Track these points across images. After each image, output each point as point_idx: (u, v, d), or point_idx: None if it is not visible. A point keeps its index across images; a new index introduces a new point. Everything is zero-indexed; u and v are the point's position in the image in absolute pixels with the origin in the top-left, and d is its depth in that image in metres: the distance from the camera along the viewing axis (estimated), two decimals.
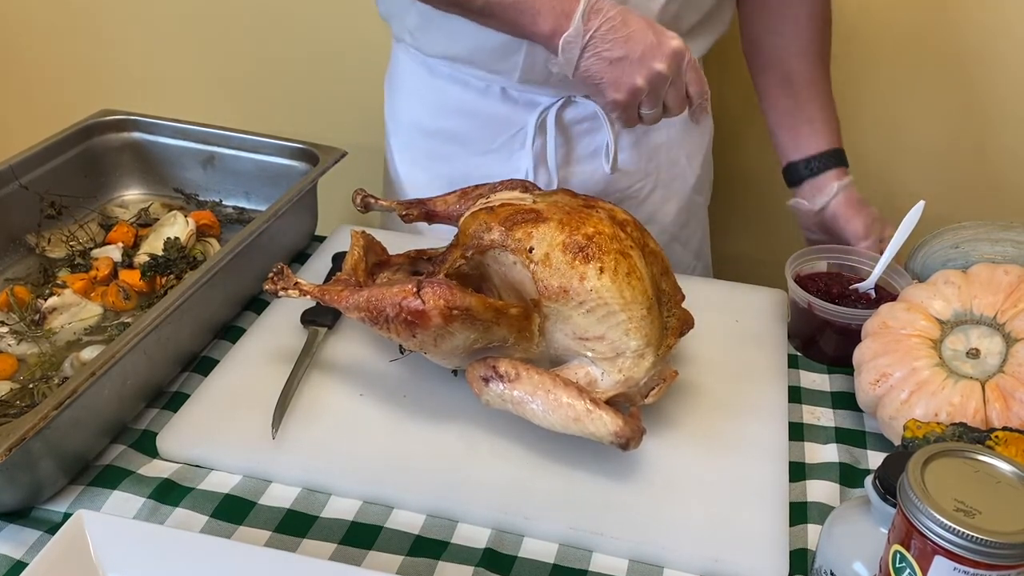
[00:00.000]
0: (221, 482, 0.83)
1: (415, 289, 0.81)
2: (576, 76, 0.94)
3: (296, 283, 0.91)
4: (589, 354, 0.84)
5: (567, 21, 0.90)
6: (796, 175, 1.21)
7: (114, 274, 1.07)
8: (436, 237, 1.10)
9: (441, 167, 1.24)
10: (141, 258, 1.08)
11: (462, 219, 0.95)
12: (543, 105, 1.15)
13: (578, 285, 0.82)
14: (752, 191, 1.76)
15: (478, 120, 1.19)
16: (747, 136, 1.71)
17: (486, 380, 0.84)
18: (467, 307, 0.81)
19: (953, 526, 0.55)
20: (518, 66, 1.10)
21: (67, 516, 0.78)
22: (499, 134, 1.19)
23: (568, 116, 1.17)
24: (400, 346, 0.89)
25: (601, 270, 0.82)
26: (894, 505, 0.62)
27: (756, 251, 1.71)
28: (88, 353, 0.94)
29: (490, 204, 0.92)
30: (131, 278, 1.05)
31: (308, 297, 0.90)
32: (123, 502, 0.80)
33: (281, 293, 0.91)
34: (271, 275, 0.92)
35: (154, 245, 1.10)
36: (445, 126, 1.22)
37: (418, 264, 1.02)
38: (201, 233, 1.14)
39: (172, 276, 1.06)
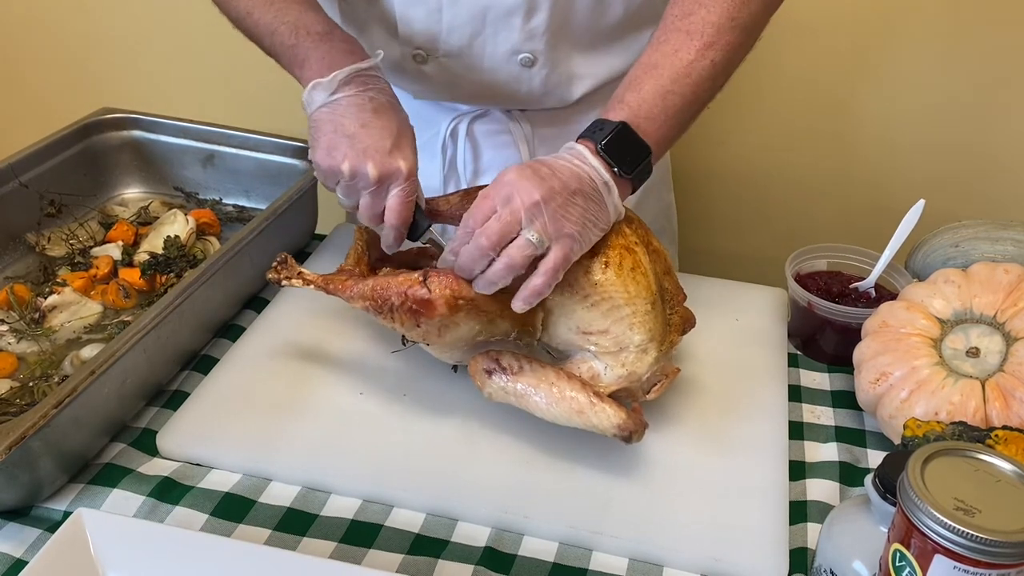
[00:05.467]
0: (221, 481, 0.83)
1: (421, 278, 0.81)
2: (309, 118, 0.92)
3: (299, 272, 0.90)
4: (592, 348, 0.84)
5: (328, 72, 0.90)
6: None
7: (114, 272, 1.07)
8: None
9: None
10: (141, 256, 1.08)
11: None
12: (457, 112, 1.14)
13: (583, 279, 0.82)
14: (751, 190, 1.76)
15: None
16: (745, 135, 1.71)
17: (489, 373, 0.84)
18: (472, 297, 0.81)
19: (953, 525, 0.55)
20: (407, 90, 1.10)
21: (67, 515, 0.78)
22: (422, 131, 1.18)
23: (480, 128, 1.15)
24: (402, 338, 0.89)
25: (606, 264, 0.82)
26: (894, 504, 0.62)
27: (756, 250, 1.71)
28: (88, 351, 0.94)
29: None
30: (131, 276, 1.05)
31: (312, 287, 0.90)
32: (123, 501, 0.80)
33: (284, 282, 0.91)
34: (275, 264, 0.91)
35: (154, 243, 1.10)
36: None
37: (420, 261, 1.02)
38: (201, 231, 1.14)
39: (172, 274, 1.06)
